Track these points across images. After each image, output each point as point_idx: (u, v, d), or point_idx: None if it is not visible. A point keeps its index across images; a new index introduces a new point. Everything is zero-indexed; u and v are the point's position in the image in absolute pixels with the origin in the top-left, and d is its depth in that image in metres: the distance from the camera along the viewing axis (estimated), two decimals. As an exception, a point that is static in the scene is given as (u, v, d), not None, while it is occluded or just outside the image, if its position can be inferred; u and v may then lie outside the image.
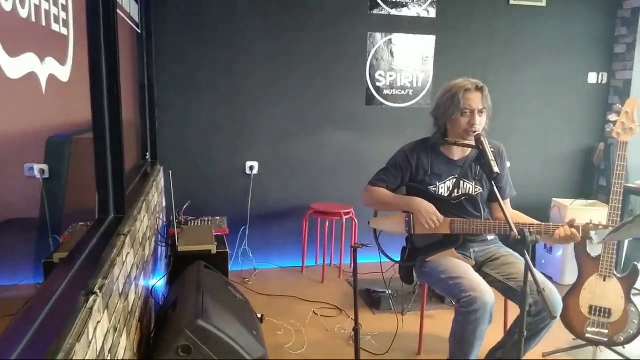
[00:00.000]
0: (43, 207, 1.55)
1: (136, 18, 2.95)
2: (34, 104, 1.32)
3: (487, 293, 2.17)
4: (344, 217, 3.85)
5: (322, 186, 4.20)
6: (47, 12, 1.27)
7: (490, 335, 2.30)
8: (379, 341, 2.95)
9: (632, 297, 2.61)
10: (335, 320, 3.26)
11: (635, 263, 2.65)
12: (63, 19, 1.41)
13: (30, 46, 1.19)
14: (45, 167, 1.50)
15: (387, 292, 3.37)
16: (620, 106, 2.64)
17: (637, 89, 4.35)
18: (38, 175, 1.46)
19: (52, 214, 1.59)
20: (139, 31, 3.13)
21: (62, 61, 1.43)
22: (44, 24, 1.25)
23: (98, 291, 1.30)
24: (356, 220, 3.93)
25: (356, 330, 2.44)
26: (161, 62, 3.67)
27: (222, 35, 3.83)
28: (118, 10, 1.97)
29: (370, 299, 3.48)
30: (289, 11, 3.92)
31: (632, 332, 2.60)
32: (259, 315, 2.51)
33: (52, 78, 1.33)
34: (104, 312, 1.36)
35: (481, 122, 2.32)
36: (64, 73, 1.44)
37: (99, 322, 1.29)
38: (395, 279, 2.92)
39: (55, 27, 1.34)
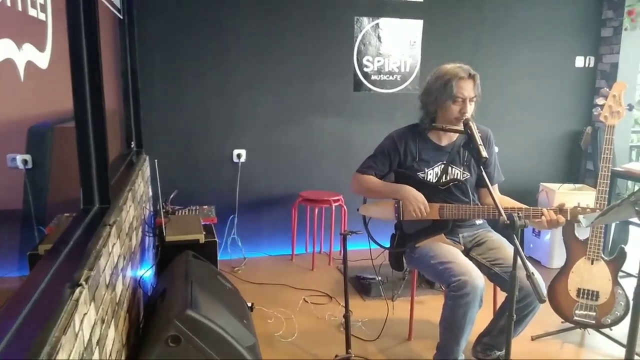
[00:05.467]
0: (27, 198, 1.52)
1: (117, 3, 2.89)
2: (12, 92, 1.28)
3: (477, 277, 2.18)
4: (333, 205, 3.84)
5: (311, 173, 4.18)
6: (24, -3, 1.23)
7: (480, 319, 2.31)
8: (370, 327, 2.96)
9: (619, 279, 2.64)
10: (325, 307, 3.26)
11: (622, 246, 2.68)
12: (40, 4, 1.36)
13: (6, 32, 1.15)
14: (28, 157, 1.47)
15: (377, 278, 3.38)
16: (607, 90, 2.64)
17: (623, 72, 4.37)
18: (21, 166, 1.43)
19: (36, 205, 1.56)
20: (121, 17, 3.06)
21: (40, 47, 1.39)
22: (20, 9, 1.21)
23: (84, 283, 1.28)
24: (345, 208, 3.92)
25: (346, 317, 2.45)
26: (144, 49, 3.60)
27: (206, 21, 3.77)
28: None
29: (360, 285, 3.49)
30: (274, -4, 3.87)
31: (619, 314, 2.64)
32: (249, 304, 2.50)
33: (30, 65, 1.28)
34: (90, 304, 1.33)
35: (470, 110, 2.32)
36: (42, 60, 1.40)
37: (85, 314, 1.27)
38: (385, 266, 2.92)
39: (32, 12, 1.30)
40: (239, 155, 4.00)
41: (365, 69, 4.14)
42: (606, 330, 2.78)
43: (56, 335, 1.03)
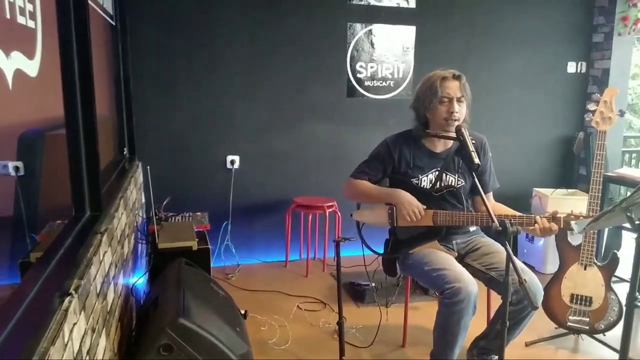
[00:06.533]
0: (18, 205, 1.50)
1: (110, 10, 2.88)
2: (1, 100, 1.27)
3: (471, 283, 2.17)
4: (327, 211, 3.84)
5: (305, 179, 4.17)
6: (12, 4, 1.22)
7: (474, 325, 2.31)
8: (364, 334, 2.94)
9: (612, 284, 2.65)
10: (319, 314, 3.25)
11: (615, 251, 2.68)
12: (30, 11, 1.35)
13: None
14: (19, 164, 1.45)
15: (371, 284, 3.37)
16: (599, 95, 2.66)
17: (615, 78, 4.39)
18: (13, 173, 1.42)
19: (28, 213, 1.55)
20: (113, 23, 3.06)
21: (29, 55, 1.38)
22: (8, 16, 1.20)
23: (73, 292, 1.27)
24: (339, 213, 3.92)
25: (340, 323, 2.43)
26: (137, 55, 3.59)
27: (199, 27, 3.77)
28: (90, 2, 1.92)
29: (354, 292, 3.48)
30: (267, 2, 3.87)
31: (612, 319, 2.64)
32: (243, 311, 2.49)
33: (19, 73, 1.27)
34: (80, 314, 1.32)
35: (461, 111, 2.32)
36: (32, 68, 1.39)
37: (75, 324, 1.26)
38: (378, 272, 2.91)
39: (21, 19, 1.29)
40: (232, 162, 3.99)
41: (358, 75, 4.15)
42: (600, 336, 2.77)
43: (45, 346, 1.02)
